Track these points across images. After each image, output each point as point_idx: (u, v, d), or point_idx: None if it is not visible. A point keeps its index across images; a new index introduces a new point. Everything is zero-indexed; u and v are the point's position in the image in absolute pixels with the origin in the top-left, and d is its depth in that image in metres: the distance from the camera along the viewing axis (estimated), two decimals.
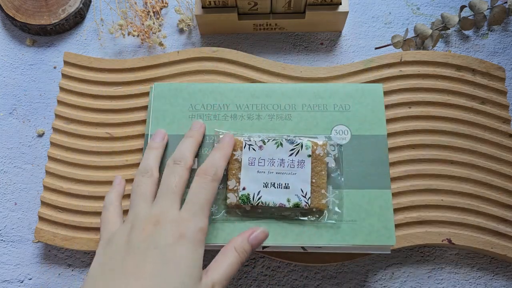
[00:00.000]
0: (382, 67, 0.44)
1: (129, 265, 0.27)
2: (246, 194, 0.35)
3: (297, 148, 0.36)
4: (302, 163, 0.36)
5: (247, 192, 0.35)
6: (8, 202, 0.44)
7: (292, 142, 0.36)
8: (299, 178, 0.35)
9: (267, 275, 0.41)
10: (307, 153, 0.36)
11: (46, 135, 0.46)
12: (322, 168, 0.36)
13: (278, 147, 0.36)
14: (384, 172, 0.37)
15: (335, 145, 0.37)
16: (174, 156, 0.34)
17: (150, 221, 0.29)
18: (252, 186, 0.35)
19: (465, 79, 0.43)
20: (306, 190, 0.35)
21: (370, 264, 0.41)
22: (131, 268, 0.27)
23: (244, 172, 0.35)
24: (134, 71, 0.45)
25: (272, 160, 0.36)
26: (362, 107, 0.39)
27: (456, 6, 0.51)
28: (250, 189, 0.35)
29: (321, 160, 0.36)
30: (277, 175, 0.35)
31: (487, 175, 0.40)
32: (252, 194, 0.35)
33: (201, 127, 0.37)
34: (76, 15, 0.50)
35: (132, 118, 0.43)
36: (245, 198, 0.35)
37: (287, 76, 0.44)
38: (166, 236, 0.28)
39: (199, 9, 0.46)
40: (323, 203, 0.35)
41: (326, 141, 0.37)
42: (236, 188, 0.35)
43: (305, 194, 0.35)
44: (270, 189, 0.35)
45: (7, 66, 0.50)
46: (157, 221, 0.29)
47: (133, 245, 0.28)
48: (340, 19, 0.47)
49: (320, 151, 0.36)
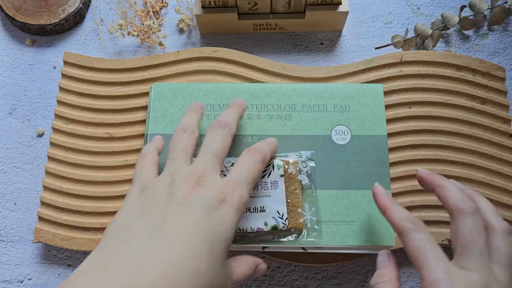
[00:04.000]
0: (382, 67, 0.44)
1: (170, 217, 0.26)
2: None
3: (269, 169, 0.35)
4: (276, 184, 0.35)
5: None
6: (7, 202, 0.44)
7: None
8: (274, 199, 0.34)
9: (267, 275, 0.41)
10: (279, 173, 0.35)
11: (46, 135, 0.46)
12: (296, 186, 0.35)
13: None
14: (384, 172, 0.37)
15: (307, 162, 0.37)
16: (219, 119, 0.33)
17: (193, 178, 0.28)
18: None
19: (465, 79, 0.43)
20: (282, 211, 0.34)
21: (370, 264, 0.41)
22: (172, 221, 0.26)
23: None
24: (133, 71, 0.45)
25: None
26: (362, 107, 0.39)
27: (456, 6, 0.51)
28: None
29: (294, 178, 0.35)
30: (251, 199, 0.34)
31: (487, 175, 0.40)
32: None
33: (244, 104, 0.36)
34: (75, 15, 0.50)
35: (132, 118, 0.43)
36: None
37: (287, 76, 0.44)
38: (210, 197, 0.27)
39: (199, 9, 0.46)
40: (300, 222, 0.34)
41: (297, 158, 0.36)
42: None
43: (281, 215, 0.34)
44: (246, 214, 0.34)
45: (6, 66, 0.49)
46: (200, 180, 0.28)
47: (175, 199, 0.27)
48: (340, 19, 0.47)
49: (292, 169, 0.35)
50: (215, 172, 0.29)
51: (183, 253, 0.24)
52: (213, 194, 0.27)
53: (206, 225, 0.26)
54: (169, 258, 0.24)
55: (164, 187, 0.28)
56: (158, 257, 0.24)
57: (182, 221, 0.26)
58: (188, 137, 0.32)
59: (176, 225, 0.25)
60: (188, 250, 0.24)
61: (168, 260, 0.23)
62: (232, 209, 0.27)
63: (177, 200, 0.27)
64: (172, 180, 0.28)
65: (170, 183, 0.28)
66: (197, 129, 0.33)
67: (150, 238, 0.25)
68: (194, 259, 0.24)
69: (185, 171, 0.29)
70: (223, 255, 0.26)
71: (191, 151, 0.31)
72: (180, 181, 0.28)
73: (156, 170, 0.32)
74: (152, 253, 0.24)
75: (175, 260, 0.24)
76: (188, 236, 0.25)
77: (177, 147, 0.31)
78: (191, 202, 0.27)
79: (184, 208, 0.26)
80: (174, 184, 0.28)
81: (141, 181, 0.30)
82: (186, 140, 0.32)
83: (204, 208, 0.26)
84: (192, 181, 0.28)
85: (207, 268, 0.25)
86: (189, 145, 0.31)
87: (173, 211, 0.26)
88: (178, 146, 0.31)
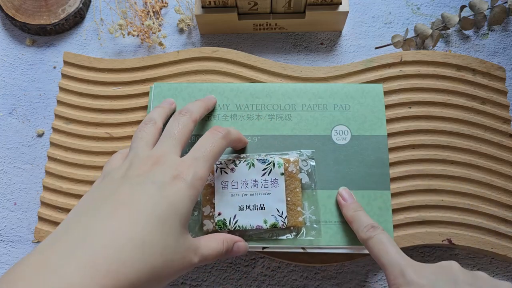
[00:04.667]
0: (382, 67, 0.44)
1: (121, 194, 0.27)
2: (222, 220, 0.34)
3: (269, 167, 0.35)
4: (276, 182, 0.35)
5: (223, 217, 0.34)
6: (7, 202, 0.44)
7: (263, 162, 0.35)
8: (274, 197, 0.35)
9: (267, 275, 0.41)
10: (279, 171, 0.35)
11: (45, 135, 0.46)
12: (296, 185, 0.35)
13: (250, 167, 0.35)
14: (384, 173, 0.37)
15: (307, 161, 0.37)
16: (180, 109, 0.34)
17: (150, 160, 0.29)
18: (227, 210, 0.34)
19: (465, 79, 0.43)
20: (282, 209, 0.34)
21: (370, 264, 0.41)
22: (123, 196, 0.26)
23: (218, 197, 0.35)
24: (133, 71, 0.44)
25: (245, 181, 0.35)
26: (362, 107, 0.39)
27: (456, 6, 0.51)
28: (225, 214, 0.34)
29: (295, 177, 0.35)
30: (251, 197, 0.35)
31: (487, 175, 0.40)
32: (228, 218, 0.34)
33: (213, 98, 0.38)
34: (75, 15, 0.50)
35: (132, 118, 0.43)
36: (222, 223, 0.34)
37: (287, 76, 0.44)
38: (164, 174, 0.28)
39: (199, 9, 0.46)
40: (300, 220, 0.34)
41: (298, 157, 0.36)
42: (212, 214, 0.34)
43: (281, 213, 0.34)
44: (246, 212, 0.34)
45: (6, 66, 0.49)
46: (157, 161, 0.29)
47: (129, 178, 0.28)
48: (340, 19, 0.47)
49: (292, 168, 0.36)
50: (173, 153, 0.30)
51: (129, 225, 0.24)
52: (167, 171, 0.28)
53: (156, 199, 0.26)
54: (114, 231, 0.24)
55: (122, 171, 0.29)
56: (104, 231, 0.24)
57: (132, 197, 0.26)
58: (149, 127, 0.32)
59: (125, 201, 0.26)
60: (134, 222, 0.25)
61: (112, 232, 0.24)
62: (185, 184, 0.28)
63: (131, 178, 0.28)
64: (130, 164, 0.29)
65: (128, 166, 0.29)
66: (160, 121, 0.34)
67: (99, 215, 0.25)
68: (140, 230, 0.24)
69: (143, 155, 0.30)
70: (177, 227, 0.26)
71: (152, 140, 0.32)
72: (136, 163, 0.29)
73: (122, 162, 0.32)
74: (98, 228, 0.24)
75: (120, 232, 0.24)
76: (136, 210, 0.25)
77: (137, 137, 0.32)
78: (143, 179, 0.27)
79: (135, 185, 0.27)
80: (131, 167, 0.29)
81: (105, 171, 0.31)
82: (147, 130, 0.32)
83: (155, 183, 0.27)
84: (149, 163, 0.29)
85: (156, 238, 0.25)
86: (150, 134, 0.32)
87: (125, 189, 0.27)
88: (139, 136, 0.32)
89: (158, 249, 0.25)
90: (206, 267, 0.42)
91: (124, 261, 0.23)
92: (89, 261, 0.22)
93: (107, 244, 0.23)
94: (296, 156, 0.36)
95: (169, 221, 0.26)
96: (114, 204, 0.26)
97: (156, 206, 0.26)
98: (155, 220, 0.25)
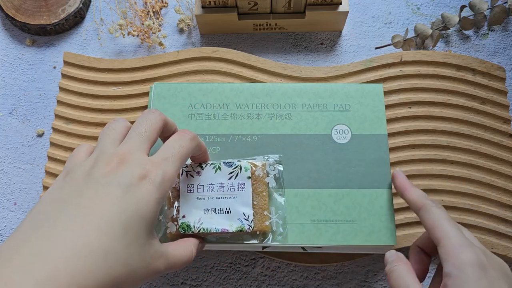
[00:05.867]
0: (382, 67, 0.44)
1: (84, 197, 0.25)
2: (186, 222, 0.33)
3: (236, 171, 0.35)
4: (242, 186, 0.34)
5: (187, 220, 0.33)
6: (7, 202, 0.44)
7: (230, 165, 0.35)
8: (240, 201, 0.34)
9: (267, 275, 0.41)
10: (246, 175, 0.35)
11: (45, 135, 0.46)
12: (263, 189, 0.35)
13: (217, 171, 0.35)
14: (384, 171, 0.37)
15: (275, 165, 0.36)
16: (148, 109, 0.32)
17: (115, 158, 0.27)
18: (192, 213, 0.34)
19: (465, 79, 0.43)
20: (248, 213, 0.34)
21: (370, 264, 0.41)
22: (86, 201, 0.24)
23: (183, 199, 0.34)
24: (133, 71, 0.44)
25: (211, 185, 0.34)
26: (362, 107, 0.39)
27: (456, 6, 0.51)
28: (190, 216, 0.34)
29: (262, 181, 0.35)
30: (217, 200, 0.34)
31: (487, 175, 0.40)
32: (192, 221, 0.33)
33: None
34: (75, 15, 0.50)
35: (132, 118, 0.43)
36: (186, 226, 0.33)
37: (287, 76, 0.44)
38: (130, 174, 0.26)
39: (199, 9, 0.46)
40: (266, 225, 0.34)
41: (265, 162, 0.36)
42: (176, 217, 0.34)
43: (247, 217, 0.34)
44: (211, 215, 0.34)
45: (6, 66, 0.49)
46: (123, 159, 0.27)
47: (93, 178, 0.26)
48: (340, 19, 0.47)
49: (259, 172, 0.35)
50: (140, 151, 0.28)
51: (91, 234, 0.23)
52: (134, 171, 0.26)
53: (121, 204, 0.25)
54: (76, 240, 0.23)
55: (86, 168, 0.27)
56: (64, 241, 0.22)
57: (96, 201, 0.25)
58: (117, 124, 0.30)
59: (89, 206, 0.24)
60: (96, 231, 0.23)
61: (73, 242, 0.22)
62: (153, 186, 0.26)
63: (95, 179, 0.26)
64: (95, 161, 0.27)
65: (92, 164, 0.27)
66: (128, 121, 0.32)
67: (60, 222, 0.23)
68: (103, 239, 0.23)
69: (109, 152, 0.28)
70: (143, 233, 0.25)
71: (120, 137, 0.30)
72: (101, 161, 0.27)
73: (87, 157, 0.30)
74: (59, 238, 0.23)
75: (82, 242, 0.23)
76: (99, 216, 0.24)
77: (104, 133, 0.30)
78: (109, 180, 0.26)
79: (100, 187, 0.25)
80: (95, 165, 0.27)
81: (68, 166, 0.29)
82: (115, 126, 0.30)
83: (121, 186, 0.25)
84: (115, 160, 0.27)
85: (119, 247, 0.24)
86: (117, 131, 0.30)
87: (89, 191, 0.25)
88: (106, 132, 0.30)
89: (122, 258, 0.24)
90: (206, 267, 0.42)
91: (85, 273, 0.22)
92: (49, 276, 0.21)
93: (68, 256, 0.22)
94: (263, 161, 0.36)
95: (135, 228, 0.25)
96: (76, 209, 0.24)
97: (121, 212, 0.24)
98: (120, 228, 0.24)
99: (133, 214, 0.25)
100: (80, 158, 0.29)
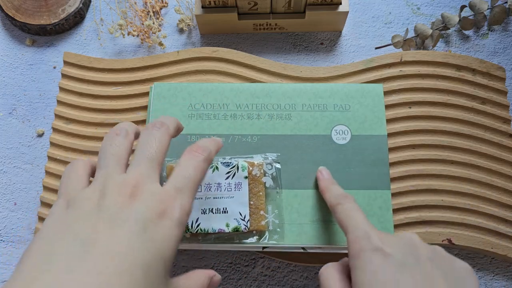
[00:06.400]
0: (382, 67, 0.44)
1: (99, 237, 0.22)
2: None
3: (233, 171, 0.35)
4: (239, 185, 0.35)
5: None
6: (7, 202, 0.44)
7: (227, 165, 0.35)
8: (237, 201, 0.34)
9: (267, 275, 0.41)
10: (243, 174, 0.35)
11: (45, 135, 0.46)
12: (260, 188, 0.35)
13: (214, 171, 0.35)
14: (384, 172, 0.37)
15: (272, 164, 0.36)
16: (153, 122, 0.29)
17: (127, 188, 0.24)
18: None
19: (465, 79, 0.43)
20: (244, 213, 0.34)
21: None
22: (101, 242, 0.22)
23: None
24: (133, 71, 0.45)
25: (208, 185, 0.35)
26: (362, 107, 0.39)
27: (456, 6, 0.51)
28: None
29: (258, 180, 0.35)
30: (214, 200, 0.34)
31: (487, 175, 0.40)
32: (190, 221, 0.34)
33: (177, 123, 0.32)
34: (75, 15, 0.50)
35: (132, 118, 0.43)
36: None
37: (287, 76, 0.44)
38: (147, 210, 0.24)
39: (199, 9, 0.46)
40: (262, 224, 0.34)
41: (262, 160, 0.36)
42: None
43: (243, 217, 0.34)
44: (209, 215, 0.34)
45: (6, 66, 0.49)
46: (136, 191, 0.24)
47: (107, 213, 0.23)
48: (340, 19, 0.47)
49: (256, 171, 0.35)
50: (152, 180, 0.26)
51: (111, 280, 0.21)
52: (151, 206, 0.24)
53: (141, 245, 0.23)
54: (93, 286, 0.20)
55: (94, 199, 0.24)
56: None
57: (113, 241, 0.22)
58: (120, 140, 0.27)
59: (106, 248, 0.22)
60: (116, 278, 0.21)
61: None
62: (173, 223, 0.24)
63: (109, 215, 0.23)
64: (102, 191, 0.24)
65: (100, 195, 0.24)
66: (132, 133, 0.29)
67: (73, 266, 0.21)
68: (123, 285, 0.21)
69: (117, 180, 0.25)
70: (161, 275, 0.23)
71: (125, 156, 0.27)
72: (112, 192, 0.24)
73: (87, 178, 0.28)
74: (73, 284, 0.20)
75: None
76: (118, 261, 0.21)
77: (107, 152, 0.27)
78: (125, 217, 0.23)
79: (116, 225, 0.23)
80: (105, 196, 0.24)
81: (67, 193, 0.26)
82: (118, 143, 0.27)
83: (139, 223, 0.23)
84: (126, 192, 0.24)
85: None
86: (122, 150, 0.27)
87: (104, 229, 0.23)
88: (109, 151, 0.27)
89: None
90: (206, 267, 0.42)
91: None
92: None
93: None
94: (261, 160, 0.36)
95: (154, 269, 0.23)
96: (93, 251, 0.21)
97: (140, 253, 0.22)
98: (139, 270, 0.22)
99: (154, 256, 0.23)
100: (80, 184, 0.27)
